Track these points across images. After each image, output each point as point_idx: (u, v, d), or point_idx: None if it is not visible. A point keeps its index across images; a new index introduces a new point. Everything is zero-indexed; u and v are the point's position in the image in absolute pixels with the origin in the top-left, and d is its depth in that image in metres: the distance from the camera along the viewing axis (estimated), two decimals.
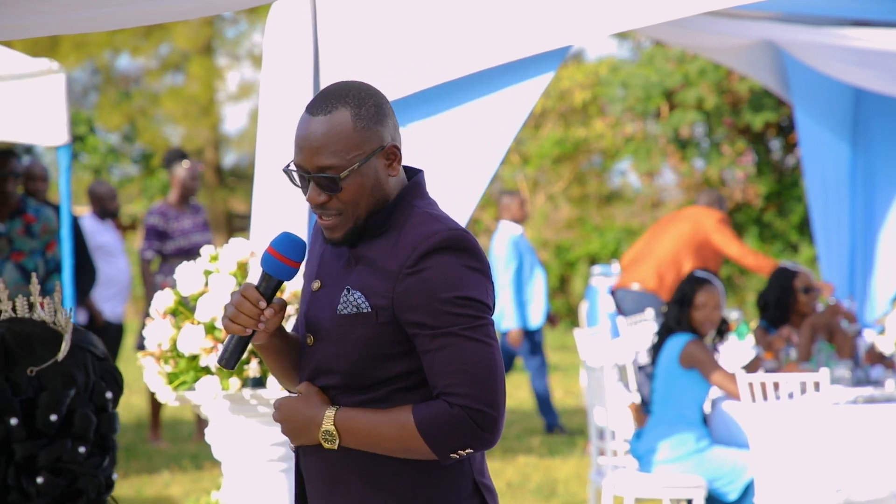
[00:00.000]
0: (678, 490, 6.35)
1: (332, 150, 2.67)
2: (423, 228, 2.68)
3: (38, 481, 1.83)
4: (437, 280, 2.64)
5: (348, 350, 2.69)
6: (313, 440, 2.71)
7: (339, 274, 2.74)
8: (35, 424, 1.84)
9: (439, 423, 2.62)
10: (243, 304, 2.64)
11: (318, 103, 2.71)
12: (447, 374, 2.62)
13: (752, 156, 17.04)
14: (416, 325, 2.64)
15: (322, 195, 2.68)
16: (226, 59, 23.99)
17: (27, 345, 1.87)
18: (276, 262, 2.71)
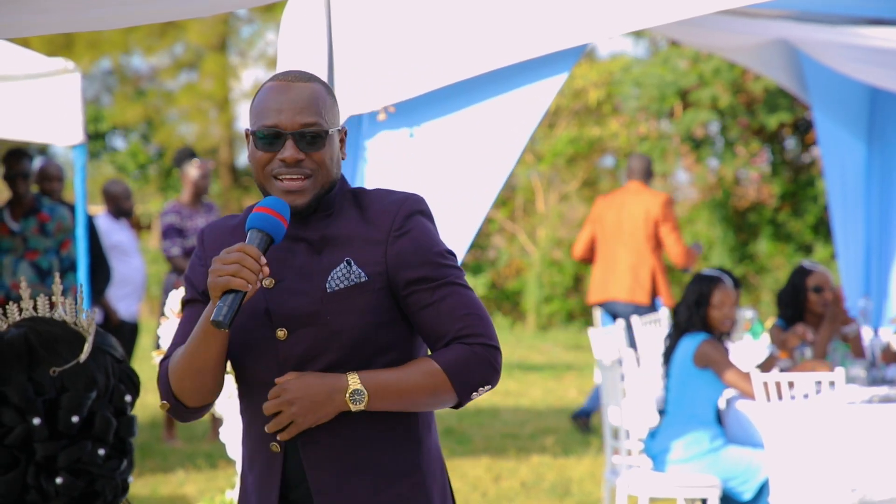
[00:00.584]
0: (693, 489, 6.34)
1: (316, 111, 2.77)
2: (389, 197, 2.82)
3: (58, 482, 1.83)
4: (423, 238, 2.80)
5: (350, 322, 2.75)
6: (335, 409, 2.72)
7: (302, 263, 2.77)
8: (56, 425, 1.84)
9: (464, 364, 2.75)
10: (246, 259, 2.63)
11: (294, 74, 2.81)
12: (458, 319, 2.76)
13: (767, 156, 17.00)
14: (415, 281, 2.76)
15: (301, 153, 2.75)
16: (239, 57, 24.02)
17: (50, 345, 1.87)
18: (273, 220, 2.69)
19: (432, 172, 5.43)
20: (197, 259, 2.89)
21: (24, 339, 1.89)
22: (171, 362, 2.81)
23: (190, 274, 2.88)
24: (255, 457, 2.83)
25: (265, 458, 2.81)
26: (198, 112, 23.05)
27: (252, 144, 2.79)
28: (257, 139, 2.77)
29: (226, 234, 2.86)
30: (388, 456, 2.79)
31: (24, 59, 6.96)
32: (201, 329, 2.72)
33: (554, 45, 5.31)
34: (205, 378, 2.77)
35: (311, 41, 5.35)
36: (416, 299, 2.77)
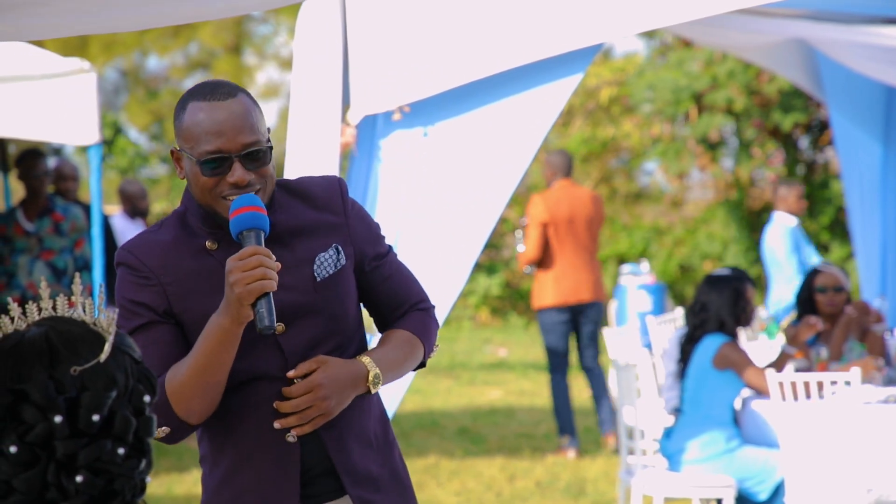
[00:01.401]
0: (708, 490, 6.33)
1: (252, 126, 2.76)
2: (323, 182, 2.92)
3: (78, 480, 1.84)
4: (366, 215, 2.96)
5: (343, 306, 2.85)
6: (356, 393, 2.82)
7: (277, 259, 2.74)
8: (77, 424, 1.85)
9: (427, 329, 2.96)
10: (265, 259, 2.64)
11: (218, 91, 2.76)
12: (409, 289, 2.96)
13: (783, 156, 16.97)
14: (373, 258, 2.92)
15: (249, 173, 2.75)
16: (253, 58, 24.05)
17: (70, 344, 1.88)
18: (258, 215, 2.69)
19: (446, 172, 5.43)
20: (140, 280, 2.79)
21: (45, 338, 1.90)
22: (169, 387, 2.73)
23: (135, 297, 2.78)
24: (256, 452, 2.81)
25: (276, 452, 2.80)
26: None
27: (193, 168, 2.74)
28: (202, 165, 2.73)
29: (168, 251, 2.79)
30: (378, 429, 2.92)
31: (40, 59, 6.98)
32: (216, 343, 2.68)
33: (568, 44, 5.31)
34: (216, 393, 2.75)
35: (326, 42, 5.36)
36: (377, 274, 2.92)
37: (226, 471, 2.85)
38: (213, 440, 2.87)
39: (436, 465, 8.88)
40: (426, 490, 8.11)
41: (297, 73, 5.43)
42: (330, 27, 5.35)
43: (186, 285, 2.78)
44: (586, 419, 10.44)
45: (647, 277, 14.81)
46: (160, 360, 2.77)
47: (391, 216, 5.49)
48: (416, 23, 5.35)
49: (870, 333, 6.90)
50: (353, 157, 5.55)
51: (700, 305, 6.51)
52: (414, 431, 10.25)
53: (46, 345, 1.89)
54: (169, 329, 2.79)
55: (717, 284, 6.49)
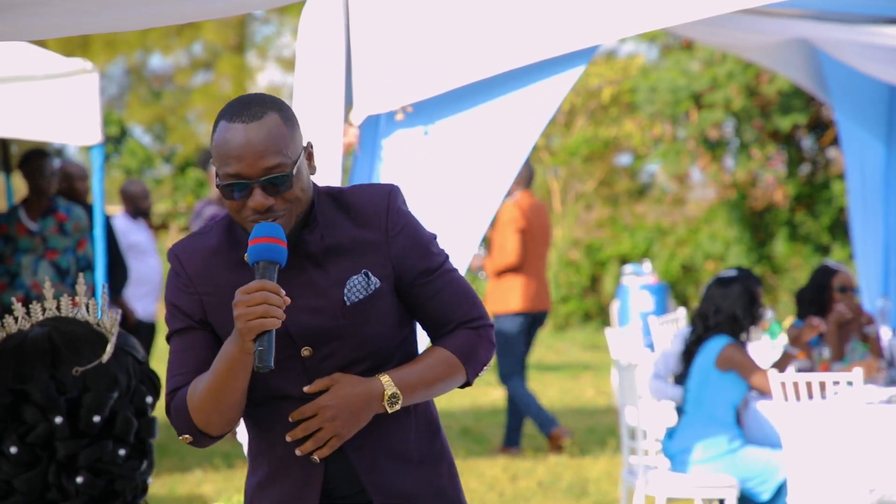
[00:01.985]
0: (710, 490, 6.32)
1: (276, 150, 2.68)
2: (371, 196, 2.83)
3: (78, 480, 1.84)
4: (415, 230, 2.85)
5: (376, 331, 2.78)
6: (372, 414, 2.76)
7: (310, 279, 2.75)
8: (78, 424, 1.84)
9: (474, 349, 2.86)
10: (270, 296, 2.59)
11: (245, 111, 2.70)
12: (459, 305, 2.86)
13: (784, 157, 16.97)
14: (419, 275, 2.82)
15: (269, 199, 2.69)
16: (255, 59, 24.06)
17: (73, 345, 1.88)
18: (274, 247, 2.64)
19: (447, 171, 5.43)
20: (181, 285, 2.80)
21: (48, 338, 1.89)
22: (190, 400, 2.73)
23: (177, 301, 2.80)
24: (284, 473, 2.82)
25: (301, 472, 2.80)
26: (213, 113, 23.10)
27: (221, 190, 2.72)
28: (223, 188, 2.69)
29: (208, 258, 2.80)
30: (422, 445, 2.86)
31: (43, 59, 6.98)
32: (227, 368, 2.67)
33: (570, 45, 5.30)
34: (233, 410, 2.75)
35: (329, 42, 5.36)
36: (421, 291, 2.83)
37: (260, 480, 2.87)
38: (253, 447, 2.89)
39: None
40: None
41: (300, 74, 5.43)
42: (333, 27, 5.35)
43: (221, 297, 2.75)
44: (587, 419, 10.44)
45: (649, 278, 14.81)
46: (193, 366, 2.77)
47: None
48: (419, 23, 5.35)
49: (867, 335, 6.90)
50: (355, 157, 5.55)
51: (714, 308, 6.45)
52: None
53: (49, 345, 1.88)
54: (204, 336, 2.78)
55: (729, 286, 6.46)
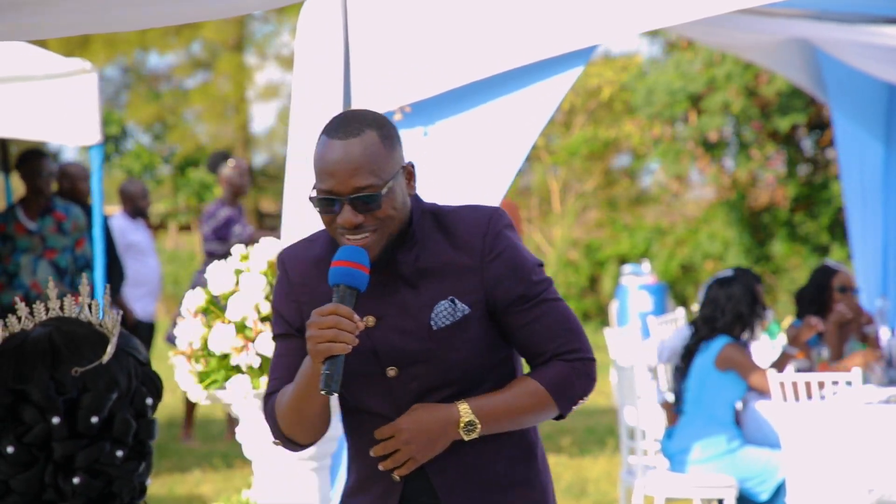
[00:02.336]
0: (709, 490, 6.32)
1: (369, 169, 2.69)
2: (472, 218, 2.79)
3: (75, 481, 1.84)
4: (515, 257, 2.79)
5: (462, 356, 2.76)
6: (450, 440, 2.75)
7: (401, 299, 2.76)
8: (76, 425, 1.84)
9: (566, 381, 2.80)
10: (341, 322, 2.59)
11: (343, 128, 2.72)
12: (556, 336, 2.79)
13: (783, 157, 16.98)
14: (513, 302, 2.77)
15: (359, 216, 2.69)
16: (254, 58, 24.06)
17: (73, 345, 1.88)
18: (353, 271, 2.65)
19: (445, 170, 5.43)
20: (284, 291, 2.86)
21: (48, 338, 1.90)
22: (277, 406, 2.80)
23: (279, 307, 2.86)
24: (370, 480, 2.84)
25: (383, 485, 2.83)
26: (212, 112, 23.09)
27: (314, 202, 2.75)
28: (315, 202, 2.73)
29: (310, 268, 2.83)
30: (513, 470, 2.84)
31: (42, 59, 6.98)
32: (305, 385, 2.71)
33: (569, 45, 5.31)
34: (314, 423, 2.79)
35: (327, 42, 5.36)
36: (515, 319, 2.79)
37: (349, 487, 2.91)
38: (349, 451, 2.93)
39: None
40: None
41: (298, 74, 5.43)
42: (331, 27, 5.35)
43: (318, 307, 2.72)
44: (586, 419, 10.44)
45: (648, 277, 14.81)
46: (287, 372, 2.81)
47: None
48: (418, 23, 5.35)
49: (866, 335, 6.91)
50: None
51: (720, 309, 6.43)
52: None
53: (49, 345, 1.88)
54: (300, 344, 2.79)
55: (730, 286, 6.44)
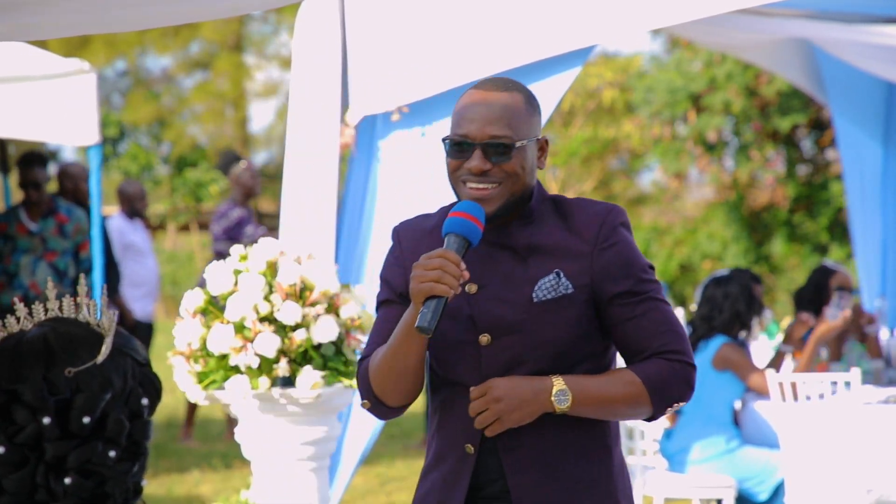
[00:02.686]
0: (708, 490, 6.32)
1: (507, 122, 2.78)
2: (593, 208, 2.84)
3: (66, 482, 1.83)
4: (628, 252, 2.82)
5: (557, 333, 2.78)
6: (540, 408, 2.75)
7: (507, 270, 2.80)
8: (68, 425, 1.84)
9: (665, 379, 2.80)
10: (447, 265, 2.66)
11: (493, 83, 2.83)
12: (660, 335, 2.81)
13: (783, 157, 16.98)
14: (619, 295, 2.80)
15: (487, 163, 2.77)
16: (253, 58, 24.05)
17: (69, 346, 1.88)
18: (469, 224, 2.72)
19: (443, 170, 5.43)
20: (394, 259, 2.93)
21: (43, 339, 1.90)
22: (371, 364, 2.84)
23: (387, 274, 2.93)
24: (446, 454, 2.86)
25: (456, 457, 2.84)
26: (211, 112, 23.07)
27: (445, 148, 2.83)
28: (447, 145, 2.82)
29: (423, 237, 2.90)
30: (583, 465, 2.83)
31: (40, 59, 6.98)
32: (402, 333, 2.76)
33: (567, 45, 5.31)
34: (406, 380, 2.81)
35: (325, 43, 5.36)
36: (619, 312, 2.81)
37: (428, 463, 2.93)
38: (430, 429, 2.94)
39: None
40: None
41: (296, 74, 5.43)
42: (329, 28, 5.35)
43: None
44: None
45: None
46: (380, 337, 2.87)
47: (390, 216, 5.49)
48: (415, 23, 5.35)
49: (866, 335, 6.91)
50: (352, 158, 5.55)
51: (717, 308, 6.43)
52: (415, 431, 10.25)
53: (44, 346, 1.88)
54: (401, 312, 2.85)
55: (727, 285, 6.45)
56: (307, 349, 4.50)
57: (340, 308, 4.56)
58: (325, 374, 4.50)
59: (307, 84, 5.41)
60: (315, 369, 4.49)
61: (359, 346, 4.61)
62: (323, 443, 4.61)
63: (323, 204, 5.37)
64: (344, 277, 5.37)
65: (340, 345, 4.57)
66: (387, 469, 8.76)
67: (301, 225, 5.41)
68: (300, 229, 5.39)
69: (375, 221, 5.50)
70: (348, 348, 4.57)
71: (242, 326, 4.47)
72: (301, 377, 4.46)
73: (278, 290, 4.50)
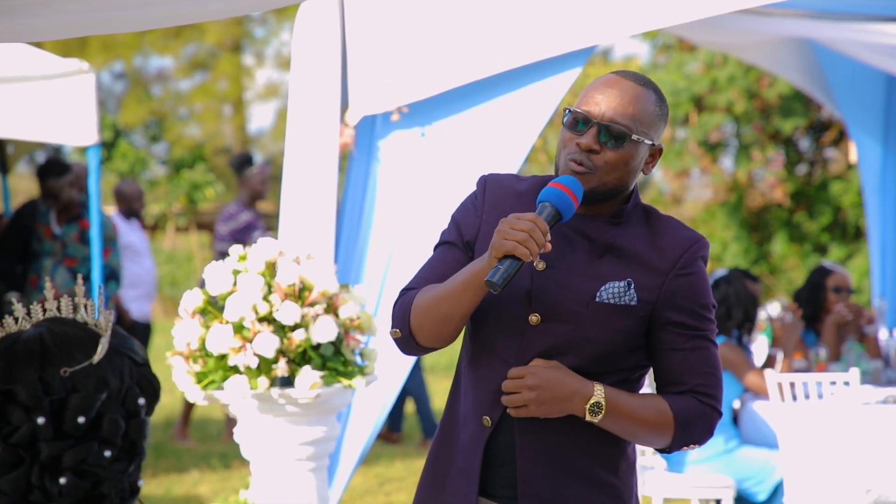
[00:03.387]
0: (707, 490, 6.32)
1: (631, 114, 2.78)
2: (682, 232, 2.83)
3: (62, 482, 1.83)
4: (699, 286, 2.81)
5: (605, 337, 2.76)
6: (570, 410, 2.75)
7: (579, 260, 2.79)
8: (63, 425, 1.84)
9: (692, 417, 2.80)
10: (535, 231, 2.64)
11: (633, 75, 2.84)
12: (701, 375, 2.82)
13: (782, 159, 16.99)
14: (675, 323, 2.79)
15: (597, 144, 2.76)
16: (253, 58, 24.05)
17: (65, 346, 1.87)
18: (566, 198, 2.71)
19: (444, 171, 5.43)
20: (472, 206, 2.90)
21: (39, 339, 1.89)
22: (418, 298, 2.81)
23: (459, 217, 2.91)
24: (468, 421, 2.85)
25: (474, 428, 2.84)
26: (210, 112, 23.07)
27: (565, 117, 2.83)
28: (567, 113, 2.81)
29: (509, 197, 2.87)
30: (596, 464, 2.82)
31: (39, 60, 6.98)
32: (464, 280, 2.73)
33: (567, 45, 5.31)
34: (449, 325, 2.79)
35: (324, 43, 5.36)
36: (670, 339, 2.80)
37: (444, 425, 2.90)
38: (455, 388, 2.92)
39: None
40: None
41: (295, 74, 5.43)
42: (328, 28, 5.35)
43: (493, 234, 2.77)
44: None
45: None
46: (436, 276, 2.86)
47: (390, 216, 5.49)
48: (415, 23, 5.35)
49: (865, 335, 6.91)
50: (351, 158, 5.55)
51: None
52: (414, 432, 10.25)
53: (39, 346, 1.88)
54: (460, 257, 2.86)
55: (725, 285, 6.46)
56: (306, 349, 4.50)
57: (339, 308, 4.56)
58: (323, 374, 4.50)
59: (307, 84, 5.41)
60: (314, 369, 4.49)
61: (358, 346, 4.61)
62: (322, 443, 4.61)
63: (322, 204, 5.37)
64: (343, 277, 5.37)
65: (339, 345, 4.57)
66: (385, 469, 8.76)
67: (300, 225, 5.41)
68: (299, 229, 5.39)
69: (375, 221, 5.50)
70: (347, 348, 4.57)
71: (241, 326, 4.47)
72: (300, 377, 4.46)
73: (277, 291, 4.50)
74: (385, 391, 5.48)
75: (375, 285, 5.47)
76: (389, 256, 5.48)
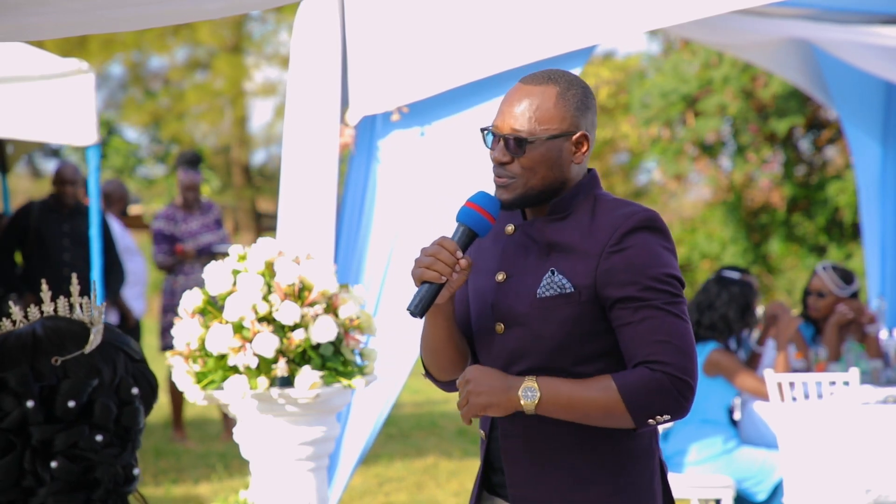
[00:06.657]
0: (707, 490, 6.32)
1: (528, 117, 2.83)
2: (618, 211, 2.83)
3: (53, 465, 1.84)
4: (640, 257, 2.77)
5: (551, 330, 2.81)
6: (510, 405, 2.79)
7: (530, 264, 2.85)
8: (54, 410, 1.85)
9: (641, 387, 2.73)
10: (441, 252, 2.77)
11: (534, 76, 2.89)
12: (649, 344, 2.75)
13: (780, 158, 16.99)
14: (619, 300, 2.77)
15: (506, 155, 2.84)
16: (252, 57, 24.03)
17: (57, 338, 1.89)
18: (477, 216, 2.82)
19: (444, 171, 5.43)
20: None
21: (32, 332, 1.91)
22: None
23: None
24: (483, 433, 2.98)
25: (481, 440, 2.96)
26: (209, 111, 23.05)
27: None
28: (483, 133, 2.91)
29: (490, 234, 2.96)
30: (582, 459, 2.83)
31: (38, 59, 6.98)
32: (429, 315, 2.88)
33: (566, 45, 5.30)
34: (440, 357, 2.94)
35: (324, 42, 5.36)
36: (617, 316, 2.79)
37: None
38: None
39: (435, 466, 8.89)
40: (425, 490, 8.11)
41: (295, 74, 5.43)
42: (328, 27, 5.34)
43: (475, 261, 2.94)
44: None
45: None
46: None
47: (390, 216, 5.48)
48: (415, 23, 5.35)
49: (866, 334, 6.91)
50: (351, 158, 5.55)
51: (708, 303, 6.43)
52: (413, 432, 10.25)
53: (32, 338, 1.90)
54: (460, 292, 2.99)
55: (728, 287, 6.44)
56: (306, 349, 4.50)
57: (339, 308, 4.56)
58: (323, 374, 4.50)
59: (306, 84, 5.41)
60: (314, 369, 4.49)
61: (357, 346, 4.61)
62: (321, 443, 4.61)
63: (322, 204, 5.37)
64: (343, 277, 5.37)
65: (339, 345, 4.57)
66: (385, 469, 8.76)
67: (300, 225, 5.41)
68: (299, 229, 5.39)
69: (374, 221, 5.50)
70: (347, 348, 4.57)
71: (241, 326, 4.47)
72: (300, 377, 4.46)
73: (277, 290, 4.50)
74: (385, 391, 5.48)
75: (375, 285, 5.47)
76: (389, 256, 5.48)
